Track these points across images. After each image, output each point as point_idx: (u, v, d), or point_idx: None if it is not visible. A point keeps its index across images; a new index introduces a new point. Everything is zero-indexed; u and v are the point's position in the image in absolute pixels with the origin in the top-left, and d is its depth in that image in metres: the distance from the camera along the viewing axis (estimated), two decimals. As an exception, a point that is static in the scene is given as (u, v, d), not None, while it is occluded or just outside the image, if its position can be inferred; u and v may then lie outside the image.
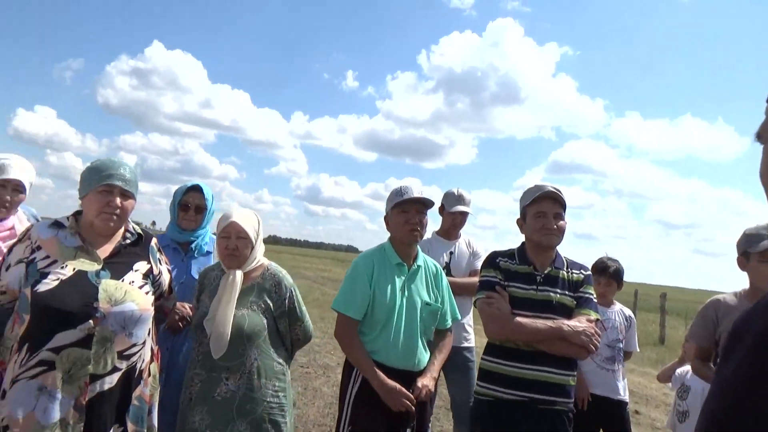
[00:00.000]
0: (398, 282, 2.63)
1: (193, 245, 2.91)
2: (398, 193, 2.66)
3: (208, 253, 2.97)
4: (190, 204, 2.88)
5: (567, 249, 2.62)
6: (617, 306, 3.68)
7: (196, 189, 2.92)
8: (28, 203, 2.68)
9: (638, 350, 3.75)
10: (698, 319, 2.94)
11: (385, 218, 2.74)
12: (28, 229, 2.14)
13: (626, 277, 3.64)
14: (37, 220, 2.66)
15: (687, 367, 3.64)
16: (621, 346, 3.53)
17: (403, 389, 2.47)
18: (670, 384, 3.67)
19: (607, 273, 3.55)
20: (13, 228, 2.51)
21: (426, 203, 2.64)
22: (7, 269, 2.05)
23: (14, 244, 2.11)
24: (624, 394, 3.49)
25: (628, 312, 3.69)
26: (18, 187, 2.53)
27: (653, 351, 11.96)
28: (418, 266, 2.71)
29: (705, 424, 0.79)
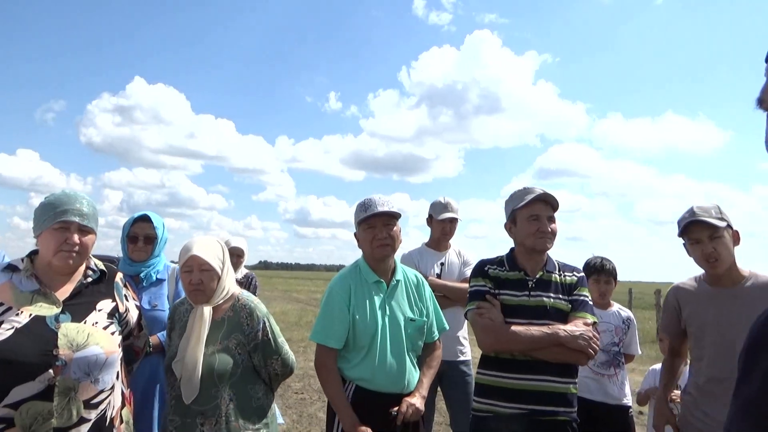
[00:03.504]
0: (378, 301, 2.48)
1: (142, 275, 2.80)
2: (362, 208, 2.50)
3: (159, 281, 2.86)
4: (138, 235, 2.82)
5: (558, 252, 2.53)
6: (614, 307, 3.51)
7: (145, 219, 2.86)
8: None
9: (640, 353, 3.59)
10: (663, 311, 2.83)
11: (355, 235, 2.59)
12: None
13: (620, 277, 3.52)
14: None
15: (655, 366, 3.53)
16: (618, 349, 3.39)
17: None
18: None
19: (606, 271, 3.40)
20: None
21: (393, 215, 2.48)
22: None
23: None
24: (626, 399, 3.35)
25: (627, 313, 3.52)
26: None
27: (652, 348, 11.88)
28: (397, 281, 2.56)
29: None
